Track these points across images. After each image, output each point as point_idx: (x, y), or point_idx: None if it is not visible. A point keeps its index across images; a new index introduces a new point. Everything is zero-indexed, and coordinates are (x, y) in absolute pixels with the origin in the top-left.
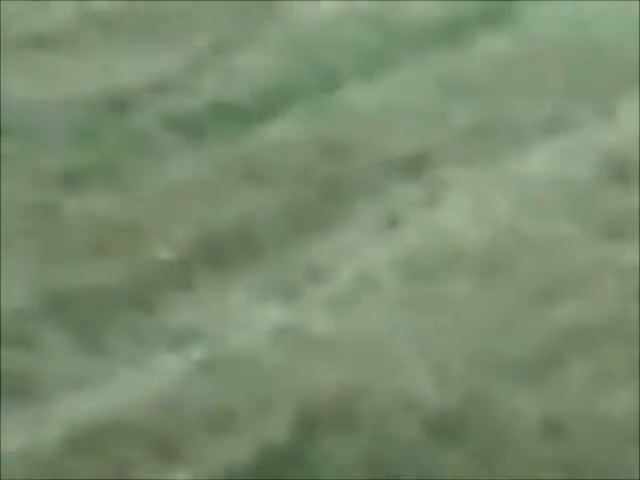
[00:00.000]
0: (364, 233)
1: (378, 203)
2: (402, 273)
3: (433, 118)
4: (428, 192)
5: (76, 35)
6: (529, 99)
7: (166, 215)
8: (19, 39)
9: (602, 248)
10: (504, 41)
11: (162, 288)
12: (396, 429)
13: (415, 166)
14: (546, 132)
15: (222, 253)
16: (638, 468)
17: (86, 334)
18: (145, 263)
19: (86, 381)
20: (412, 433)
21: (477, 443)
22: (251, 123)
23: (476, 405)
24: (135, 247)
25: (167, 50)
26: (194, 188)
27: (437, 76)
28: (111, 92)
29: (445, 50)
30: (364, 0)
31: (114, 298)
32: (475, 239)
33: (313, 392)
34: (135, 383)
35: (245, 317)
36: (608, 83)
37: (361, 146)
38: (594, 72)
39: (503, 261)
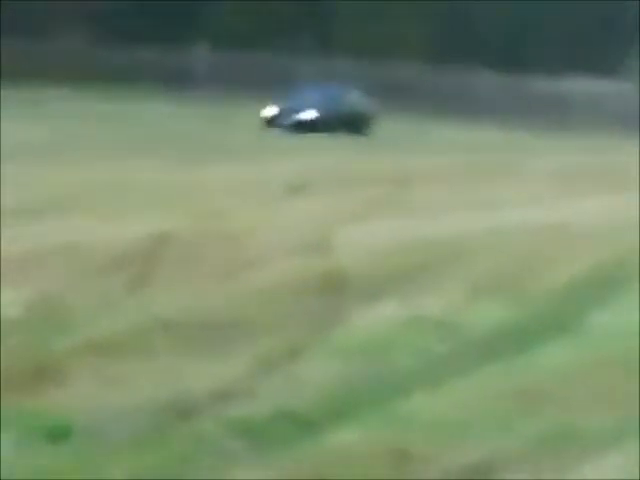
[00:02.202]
0: None
1: None
2: None
3: (498, 428)
4: None
5: (143, 340)
6: (594, 410)
7: None
8: (89, 343)
9: None
10: (569, 350)
11: None
12: None
13: (479, 476)
14: (611, 443)
15: None
16: None
17: None
18: None
19: None
20: None
21: None
22: (315, 430)
23: None
24: None
25: (232, 355)
26: None
27: (503, 385)
28: (176, 398)
29: (511, 358)
30: (428, 304)
31: None
32: None
33: None
34: None
35: None
36: None
37: (426, 455)
38: None
39: None
